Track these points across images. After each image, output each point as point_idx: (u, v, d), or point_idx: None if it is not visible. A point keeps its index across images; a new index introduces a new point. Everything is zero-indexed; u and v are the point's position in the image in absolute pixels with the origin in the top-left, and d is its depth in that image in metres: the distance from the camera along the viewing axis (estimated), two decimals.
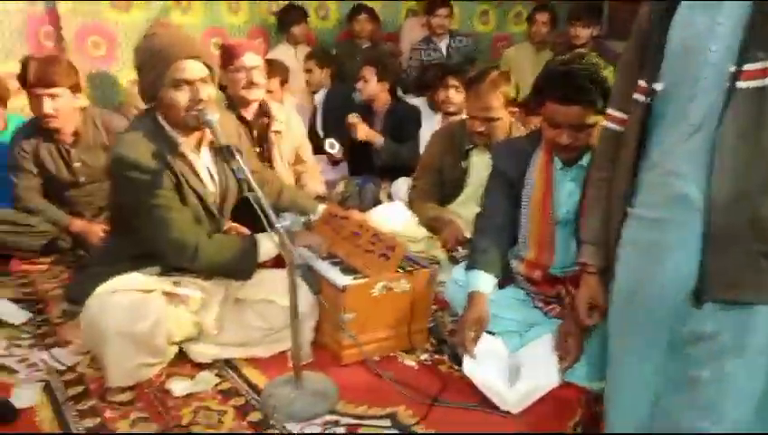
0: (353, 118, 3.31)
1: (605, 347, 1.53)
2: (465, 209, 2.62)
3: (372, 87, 3.43)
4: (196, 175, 1.92)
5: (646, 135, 1.35)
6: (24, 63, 2.50)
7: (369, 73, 3.42)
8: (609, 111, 1.47)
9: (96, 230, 2.64)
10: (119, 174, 1.81)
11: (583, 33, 3.87)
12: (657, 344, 1.35)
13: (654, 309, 1.35)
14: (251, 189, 1.63)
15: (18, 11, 3.39)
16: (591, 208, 1.54)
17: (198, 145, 1.94)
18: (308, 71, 3.76)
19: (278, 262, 1.99)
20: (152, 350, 1.76)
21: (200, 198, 1.92)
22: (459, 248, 2.45)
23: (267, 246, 1.94)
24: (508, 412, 1.66)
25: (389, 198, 3.20)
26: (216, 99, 1.94)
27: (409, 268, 1.96)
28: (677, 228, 1.30)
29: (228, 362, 1.91)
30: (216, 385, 1.80)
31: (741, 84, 1.16)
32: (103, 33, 3.67)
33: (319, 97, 3.78)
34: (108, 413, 1.67)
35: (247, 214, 2.08)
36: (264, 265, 2.00)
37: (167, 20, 3.64)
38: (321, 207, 2.32)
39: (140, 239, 1.87)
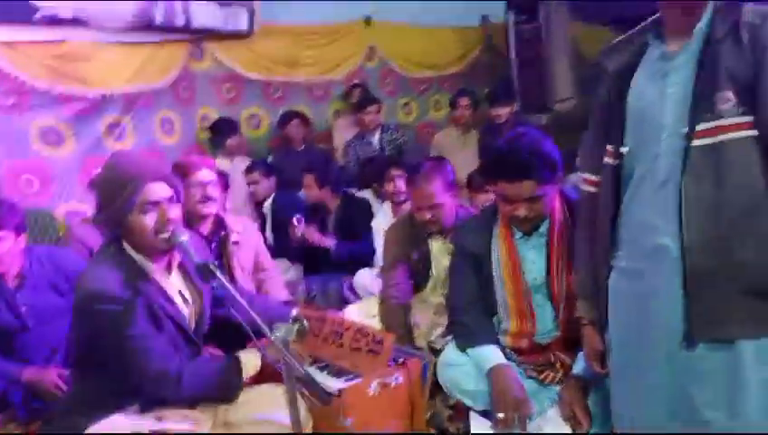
0: (299, 225, 3.31)
1: (606, 401, 1.58)
2: (434, 296, 2.64)
3: (315, 194, 3.53)
4: (170, 300, 1.85)
5: (619, 194, 1.48)
6: None
7: (310, 181, 3.52)
8: (583, 175, 1.61)
9: (51, 375, 2.44)
10: (89, 310, 1.72)
11: (503, 111, 4.19)
12: (661, 388, 1.41)
13: (650, 355, 1.42)
14: (233, 305, 1.59)
15: None
16: (579, 265, 1.64)
17: (169, 268, 1.89)
18: (254, 182, 3.81)
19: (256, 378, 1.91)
20: None
21: (176, 324, 1.84)
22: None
23: (251, 362, 1.87)
24: None
25: (354, 292, 3.19)
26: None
27: (401, 360, 1.94)
28: (658, 277, 1.40)
29: None
30: None
31: (696, 142, 1.30)
32: (37, 169, 3.58)
33: (267, 205, 3.81)
34: None
35: (213, 334, 2.04)
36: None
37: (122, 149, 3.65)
38: (294, 311, 2.28)
39: (114, 377, 1.76)
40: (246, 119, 4.73)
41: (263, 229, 3.84)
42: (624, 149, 1.45)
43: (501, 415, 1.78)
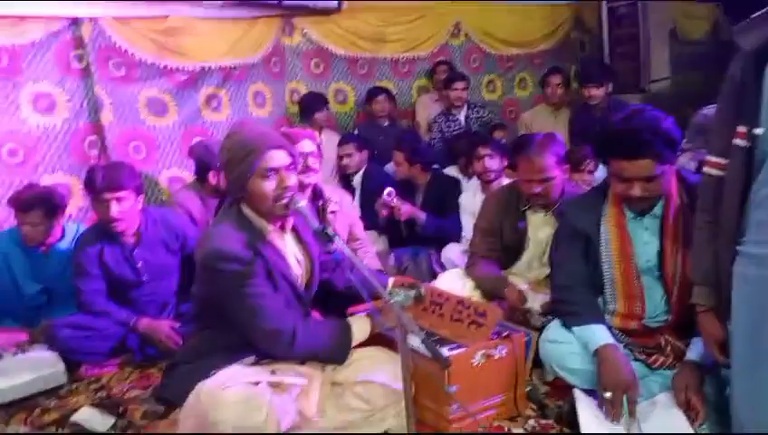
0: (390, 198, 3.33)
1: (721, 392, 1.53)
2: (528, 271, 2.63)
3: (404, 169, 3.55)
4: (285, 261, 1.94)
5: (749, 178, 1.42)
6: (91, 171, 2.56)
7: (400, 158, 3.54)
8: (710, 157, 1.54)
9: (163, 327, 2.63)
10: (212, 266, 1.82)
11: (597, 92, 4.04)
12: None
13: None
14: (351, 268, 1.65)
15: (60, 126, 3.53)
16: (700, 250, 1.59)
17: (283, 231, 1.98)
18: (347, 155, 3.85)
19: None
20: None
21: (290, 284, 1.93)
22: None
23: (361, 327, 1.93)
24: None
25: (441, 265, 3.21)
26: None
27: (505, 333, 1.95)
28: None
29: None
30: None
31: None
32: (144, 137, 3.80)
33: (357, 179, 3.88)
34: None
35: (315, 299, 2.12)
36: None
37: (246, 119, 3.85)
38: (391, 280, 2.33)
39: (233, 330, 1.86)
40: (334, 93, 4.81)
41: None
42: (758, 131, 1.39)
43: (608, 394, 1.77)
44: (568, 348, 1.97)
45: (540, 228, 2.58)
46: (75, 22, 3.51)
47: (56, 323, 2.57)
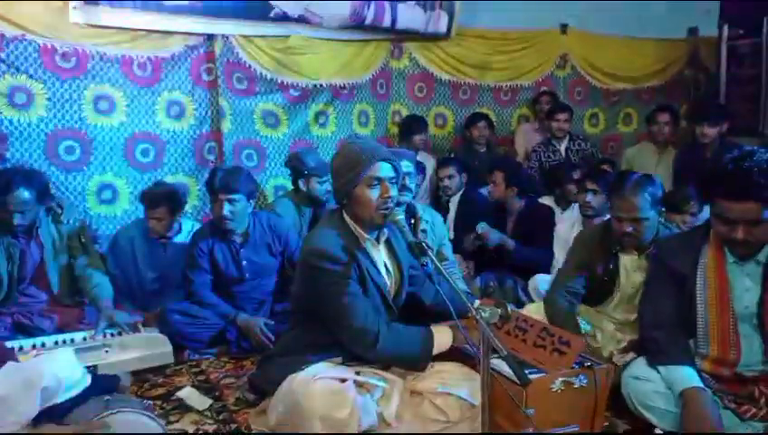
0: (483, 228, 3.41)
1: None
2: (617, 313, 2.56)
3: (501, 191, 3.58)
4: (377, 269, 2.07)
5: None
6: (213, 172, 2.85)
7: (499, 178, 3.58)
8: None
9: (259, 323, 2.83)
10: (310, 264, 1.98)
11: (710, 131, 3.86)
12: None
13: None
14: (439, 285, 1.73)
15: (186, 131, 3.93)
16: None
17: (377, 242, 2.11)
18: (449, 177, 3.94)
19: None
20: None
21: (379, 291, 2.05)
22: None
23: (443, 338, 2.01)
24: None
25: (527, 295, 3.21)
26: None
27: (588, 364, 1.95)
28: None
29: None
30: None
31: None
32: (256, 147, 4.12)
33: (454, 201, 3.96)
34: None
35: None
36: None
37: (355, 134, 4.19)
38: (477, 302, 2.38)
39: (324, 328, 2.01)
40: (434, 117, 4.95)
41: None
42: None
43: None
44: (652, 386, 1.93)
45: (631, 271, 2.49)
46: (210, 38, 3.91)
47: (169, 308, 2.86)
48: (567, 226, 3.34)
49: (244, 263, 2.94)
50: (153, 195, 3.12)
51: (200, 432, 2.17)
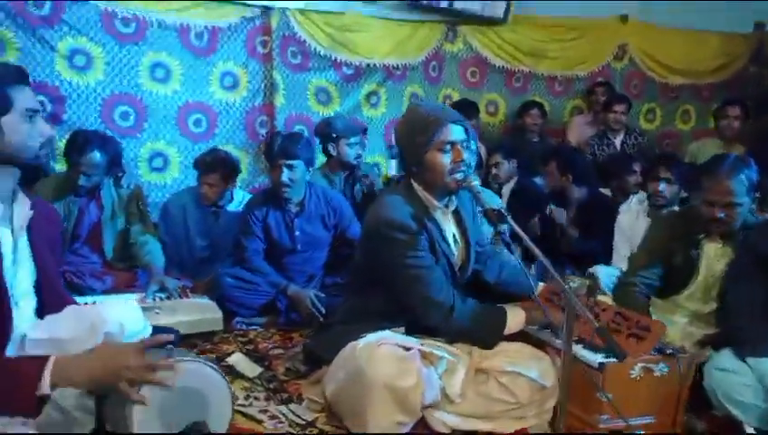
0: (554, 208, 3.34)
1: None
2: (691, 303, 2.41)
3: (554, 179, 3.46)
4: (445, 239, 1.98)
5: None
6: (271, 137, 2.80)
7: (552, 168, 3.46)
8: None
9: (308, 295, 2.77)
10: (379, 233, 1.89)
11: None
12: None
13: None
14: (523, 250, 1.63)
15: (239, 104, 3.89)
16: None
17: (446, 211, 2.01)
18: (496, 164, 3.83)
19: None
20: (408, 408, 1.74)
21: (448, 261, 1.96)
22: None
23: (516, 317, 1.92)
24: None
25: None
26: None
27: (669, 351, 1.83)
28: None
29: None
30: None
31: None
32: (307, 123, 4.07)
33: (506, 190, 3.84)
34: None
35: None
36: None
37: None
38: (541, 285, 2.28)
39: (387, 297, 1.92)
40: (485, 103, 4.83)
41: None
42: None
43: None
44: (740, 379, 1.80)
45: (714, 260, 2.34)
46: (266, 10, 3.86)
47: (222, 272, 2.82)
48: (631, 216, 3.19)
49: (298, 233, 2.88)
50: (208, 160, 3.09)
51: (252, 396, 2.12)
